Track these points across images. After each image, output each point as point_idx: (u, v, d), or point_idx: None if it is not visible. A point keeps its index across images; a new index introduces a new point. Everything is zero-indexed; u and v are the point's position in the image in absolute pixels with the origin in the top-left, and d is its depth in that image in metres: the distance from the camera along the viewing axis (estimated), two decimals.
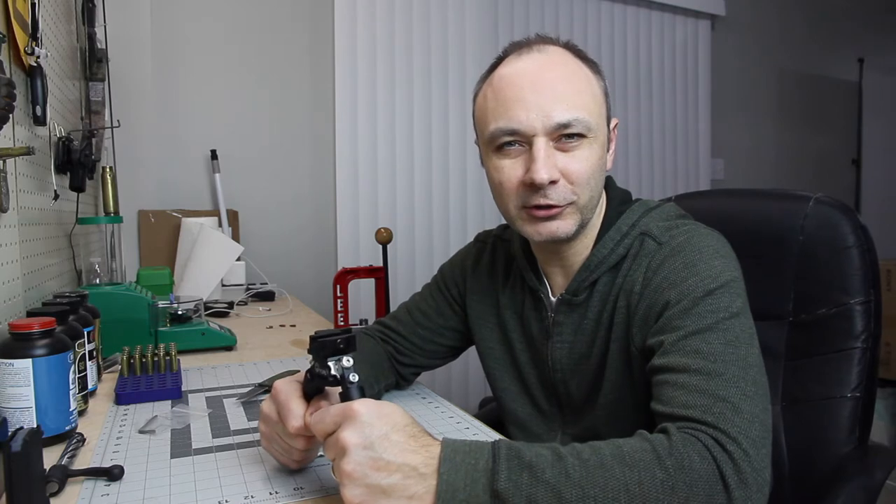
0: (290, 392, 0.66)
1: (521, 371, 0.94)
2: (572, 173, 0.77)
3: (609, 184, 0.89)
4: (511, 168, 0.79)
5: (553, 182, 0.76)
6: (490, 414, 1.18)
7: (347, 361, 0.60)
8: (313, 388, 0.64)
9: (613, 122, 0.85)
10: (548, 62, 0.78)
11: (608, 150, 0.84)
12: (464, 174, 2.67)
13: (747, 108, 3.55)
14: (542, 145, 0.76)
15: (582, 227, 0.81)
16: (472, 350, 1.05)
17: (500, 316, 0.95)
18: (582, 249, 0.85)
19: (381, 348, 1.00)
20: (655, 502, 0.54)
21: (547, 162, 0.75)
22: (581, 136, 0.77)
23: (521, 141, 0.78)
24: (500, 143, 0.79)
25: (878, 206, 3.82)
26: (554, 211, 0.78)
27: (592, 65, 0.82)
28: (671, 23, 3.23)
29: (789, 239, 1.04)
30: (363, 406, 0.55)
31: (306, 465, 0.69)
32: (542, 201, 0.77)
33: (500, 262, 0.98)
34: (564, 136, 0.76)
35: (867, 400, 0.98)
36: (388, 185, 2.54)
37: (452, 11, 2.64)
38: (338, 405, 0.57)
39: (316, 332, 0.62)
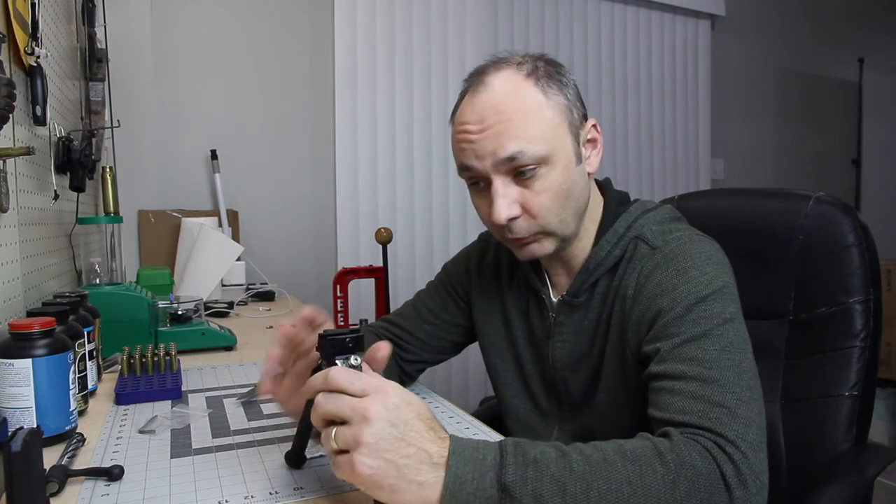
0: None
1: (522, 368, 0.95)
2: (532, 208, 0.79)
3: (606, 186, 0.91)
4: (482, 206, 0.83)
5: (514, 218, 0.79)
6: (488, 412, 1.18)
7: (355, 360, 0.60)
8: None
9: (590, 122, 0.83)
10: (493, 102, 0.77)
11: (585, 158, 0.83)
12: None
13: (747, 108, 3.55)
14: (498, 185, 0.78)
15: (564, 241, 0.83)
16: (473, 349, 1.06)
17: (506, 313, 0.97)
18: (581, 251, 0.86)
19: None
20: (657, 495, 0.55)
21: (504, 201, 0.78)
22: (535, 166, 0.77)
23: (483, 179, 0.81)
24: (468, 182, 0.83)
25: (878, 206, 3.81)
26: (524, 241, 0.81)
27: (548, 81, 0.79)
28: (671, 23, 3.23)
29: (790, 238, 1.04)
30: (395, 389, 0.56)
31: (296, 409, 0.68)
32: (510, 235, 0.81)
33: (504, 262, 0.99)
34: (519, 169, 0.77)
35: (866, 399, 0.98)
36: (388, 185, 2.54)
37: (452, 11, 2.64)
38: (371, 376, 0.57)
39: (324, 331, 0.62)
